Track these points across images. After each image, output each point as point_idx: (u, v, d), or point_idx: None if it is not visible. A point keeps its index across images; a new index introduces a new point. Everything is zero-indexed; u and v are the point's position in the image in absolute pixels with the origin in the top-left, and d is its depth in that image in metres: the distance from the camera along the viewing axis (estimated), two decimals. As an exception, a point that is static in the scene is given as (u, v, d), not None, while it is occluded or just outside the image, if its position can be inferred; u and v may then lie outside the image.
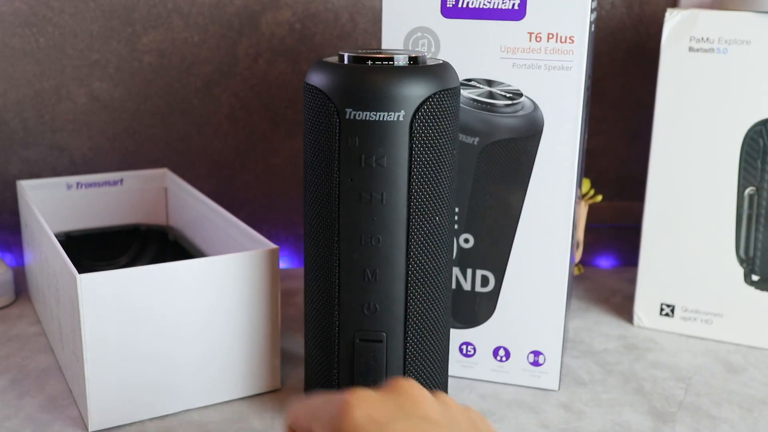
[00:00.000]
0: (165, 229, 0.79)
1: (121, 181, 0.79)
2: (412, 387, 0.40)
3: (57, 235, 0.73)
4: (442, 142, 0.50)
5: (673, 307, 0.71)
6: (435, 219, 0.51)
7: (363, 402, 0.39)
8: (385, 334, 0.51)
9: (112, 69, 0.81)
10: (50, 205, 0.76)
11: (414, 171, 0.49)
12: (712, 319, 0.70)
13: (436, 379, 0.54)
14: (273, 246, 0.58)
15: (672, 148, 0.68)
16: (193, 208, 0.74)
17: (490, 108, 0.57)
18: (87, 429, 0.54)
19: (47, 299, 0.64)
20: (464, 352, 0.62)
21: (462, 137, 0.58)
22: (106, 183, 0.78)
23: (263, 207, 0.86)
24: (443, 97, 0.49)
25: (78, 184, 0.77)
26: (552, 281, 0.59)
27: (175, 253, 0.76)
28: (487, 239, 0.59)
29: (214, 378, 0.57)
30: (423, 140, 0.49)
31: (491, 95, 0.57)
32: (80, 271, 0.64)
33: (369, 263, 0.50)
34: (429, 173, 0.49)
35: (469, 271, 0.60)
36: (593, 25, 0.58)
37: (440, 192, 0.50)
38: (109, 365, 0.53)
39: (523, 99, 0.57)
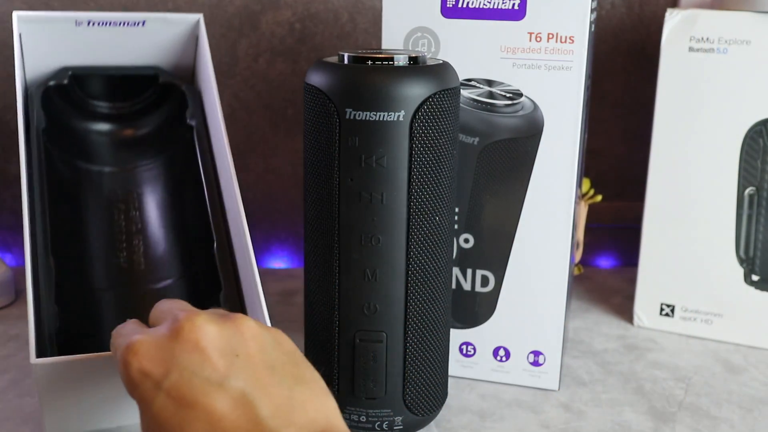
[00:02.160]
0: (183, 87, 0.67)
1: (143, 22, 0.64)
2: (193, 329, 0.38)
3: (59, 72, 0.64)
4: (442, 142, 0.50)
5: (673, 307, 0.71)
6: (435, 219, 0.51)
7: (140, 353, 0.38)
8: (385, 334, 0.51)
9: (112, 69, 0.81)
10: (51, 42, 0.64)
11: (414, 171, 0.49)
12: (712, 319, 0.70)
13: (436, 379, 0.54)
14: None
15: (672, 148, 0.68)
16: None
17: (490, 108, 0.57)
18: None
19: None
20: (464, 352, 0.62)
21: (462, 137, 0.58)
22: (125, 23, 0.64)
23: (263, 207, 0.86)
24: (443, 97, 0.49)
25: (90, 22, 0.63)
26: (552, 281, 0.59)
27: (188, 112, 0.66)
28: (487, 239, 0.59)
29: None
30: (423, 140, 0.49)
31: (491, 95, 0.57)
32: (80, 114, 0.64)
33: (369, 263, 0.50)
34: (429, 173, 0.49)
35: (469, 271, 0.60)
36: (593, 25, 0.58)
37: (440, 192, 0.50)
38: None
39: (523, 99, 0.57)
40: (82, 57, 0.65)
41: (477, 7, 0.56)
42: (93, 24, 0.62)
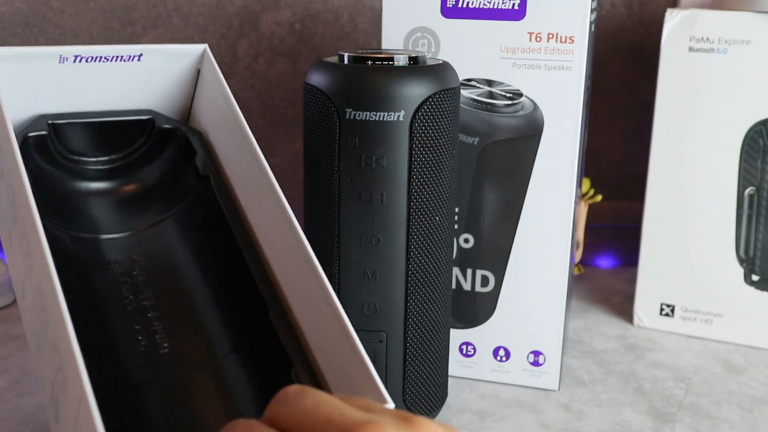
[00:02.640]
0: (186, 131, 0.56)
1: (140, 56, 0.53)
2: None
3: (36, 121, 0.53)
4: (442, 142, 0.50)
5: (673, 307, 0.71)
6: (435, 219, 0.51)
7: None
8: (385, 334, 0.51)
9: (112, 69, 0.81)
10: (31, 84, 0.52)
11: (414, 171, 0.49)
12: (712, 319, 0.70)
13: (436, 379, 0.54)
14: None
15: (672, 147, 0.68)
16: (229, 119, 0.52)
17: (490, 108, 0.57)
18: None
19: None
20: (464, 352, 0.62)
21: (462, 137, 0.58)
22: (118, 58, 0.53)
23: (263, 207, 0.86)
24: (443, 97, 0.49)
25: (77, 57, 0.51)
26: (552, 281, 0.59)
27: (195, 165, 0.55)
28: (487, 239, 0.59)
29: None
30: (423, 140, 0.49)
31: (491, 95, 0.57)
32: (65, 172, 0.53)
33: (369, 263, 0.50)
34: (429, 173, 0.49)
35: (469, 271, 0.60)
36: (593, 25, 0.58)
37: (440, 192, 0.50)
38: None
39: (523, 99, 0.57)
40: (62, 102, 0.54)
41: (477, 7, 0.56)
42: (80, 60, 0.51)
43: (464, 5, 0.56)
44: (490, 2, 0.55)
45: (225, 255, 0.53)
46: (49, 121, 0.53)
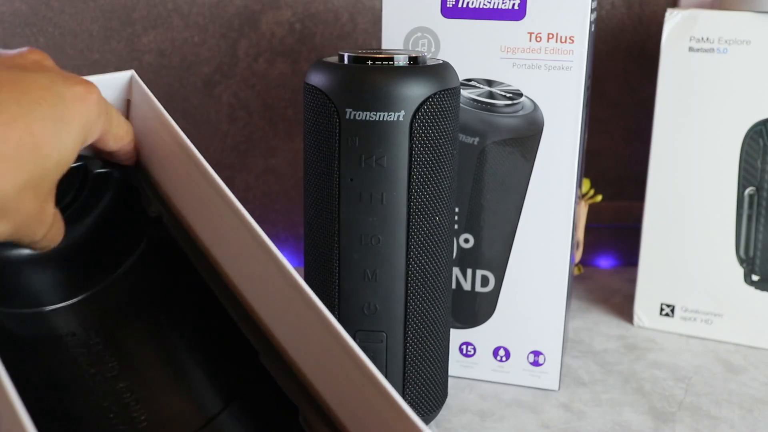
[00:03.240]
0: (127, 171, 0.48)
1: None
2: None
3: None
4: (442, 142, 0.50)
5: (673, 307, 0.71)
6: (435, 219, 0.51)
7: None
8: (385, 334, 0.51)
9: (112, 69, 0.81)
10: None
11: (414, 171, 0.49)
12: (712, 319, 0.70)
13: (436, 379, 0.54)
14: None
15: (672, 147, 0.68)
16: (167, 145, 0.46)
17: (490, 108, 0.57)
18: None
19: None
20: (464, 352, 0.62)
21: (462, 137, 0.58)
22: None
23: (263, 207, 0.86)
24: (443, 97, 0.49)
25: None
26: (552, 281, 0.59)
27: (141, 209, 0.48)
28: (487, 239, 0.59)
29: None
30: (423, 140, 0.49)
31: (491, 95, 0.57)
32: None
33: (369, 263, 0.50)
34: (429, 173, 0.49)
35: (469, 271, 0.60)
36: (593, 25, 0.58)
37: (440, 192, 0.50)
38: None
39: (523, 99, 0.57)
40: None
41: (477, 7, 0.56)
42: None
43: (464, 5, 0.56)
44: (490, 2, 0.55)
45: (195, 301, 0.47)
46: None
